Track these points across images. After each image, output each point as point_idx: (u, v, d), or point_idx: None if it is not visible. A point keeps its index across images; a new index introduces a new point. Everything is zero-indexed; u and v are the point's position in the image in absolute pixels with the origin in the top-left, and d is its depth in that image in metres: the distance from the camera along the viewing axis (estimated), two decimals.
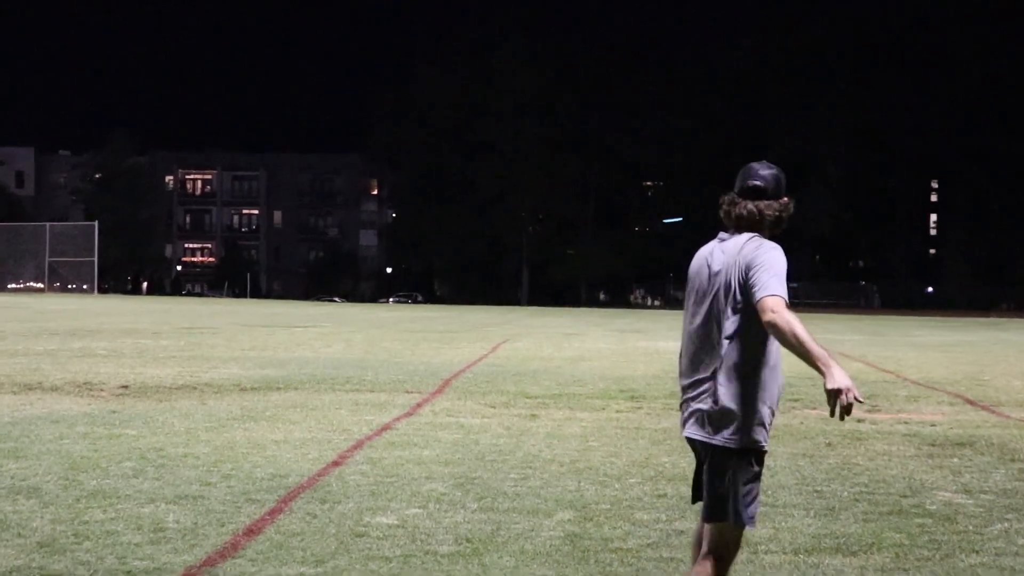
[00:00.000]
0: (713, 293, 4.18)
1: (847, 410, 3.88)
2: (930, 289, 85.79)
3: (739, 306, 4.10)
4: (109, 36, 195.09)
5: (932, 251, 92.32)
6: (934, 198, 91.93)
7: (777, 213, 4.21)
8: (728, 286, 4.12)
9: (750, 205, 4.19)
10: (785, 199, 4.25)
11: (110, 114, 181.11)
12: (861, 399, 3.92)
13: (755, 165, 4.29)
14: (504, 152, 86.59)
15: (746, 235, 4.18)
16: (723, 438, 4.12)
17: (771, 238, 4.24)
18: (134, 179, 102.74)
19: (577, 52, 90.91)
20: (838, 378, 3.85)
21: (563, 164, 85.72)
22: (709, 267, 4.23)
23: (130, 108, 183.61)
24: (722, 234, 4.28)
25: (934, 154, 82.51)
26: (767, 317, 3.95)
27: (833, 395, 3.86)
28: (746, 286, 4.07)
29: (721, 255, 4.20)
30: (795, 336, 3.88)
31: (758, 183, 4.21)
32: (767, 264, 4.03)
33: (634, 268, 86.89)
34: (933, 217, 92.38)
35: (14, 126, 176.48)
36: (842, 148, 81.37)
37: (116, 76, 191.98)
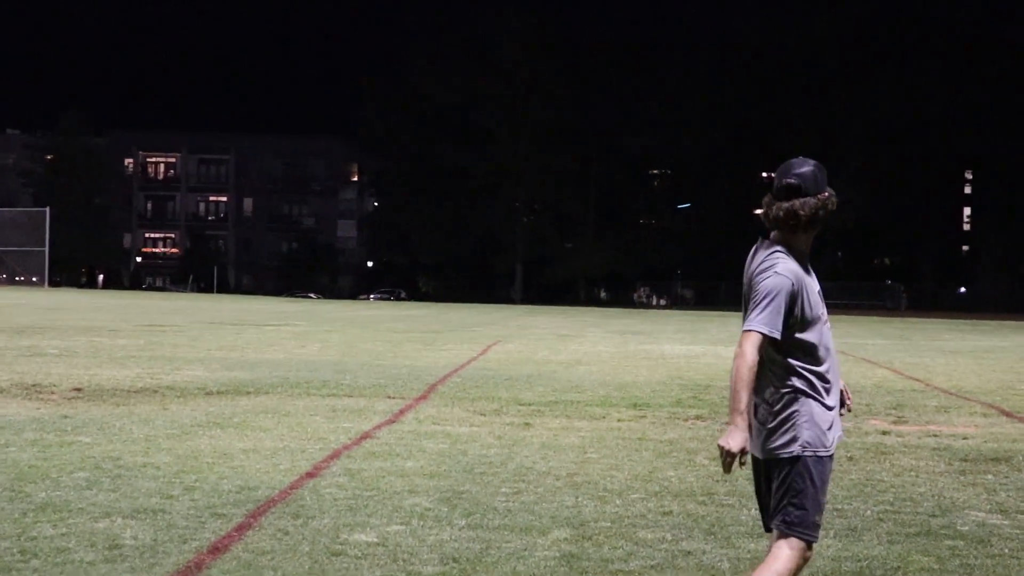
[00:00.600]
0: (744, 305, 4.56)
1: (726, 468, 4.31)
2: (962, 289, 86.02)
3: None
4: (63, 4, 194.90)
5: (964, 248, 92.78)
6: (967, 191, 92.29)
7: (813, 211, 4.38)
8: (745, 304, 4.50)
9: (785, 205, 4.38)
10: (824, 194, 4.42)
11: (64, 90, 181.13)
12: (740, 467, 4.38)
13: (793, 162, 4.47)
14: (499, 139, 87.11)
15: (767, 250, 4.46)
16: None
17: (806, 236, 4.51)
18: (89, 161, 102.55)
19: (578, 34, 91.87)
20: (732, 440, 4.27)
21: (562, 153, 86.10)
22: (744, 275, 4.56)
23: (86, 84, 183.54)
24: (761, 238, 4.56)
25: (967, 143, 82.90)
26: (735, 350, 4.39)
27: (720, 450, 4.30)
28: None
29: (748, 268, 4.53)
30: (734, 380, 4.33)
31: (792, 181, 4.38)
32: (759, 293, 4.37)
33: (638, 265, 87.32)
34: (966, 211, 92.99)
35: None
36: (866, 136, 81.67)
37: (71, 48, 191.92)
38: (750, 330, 4.32)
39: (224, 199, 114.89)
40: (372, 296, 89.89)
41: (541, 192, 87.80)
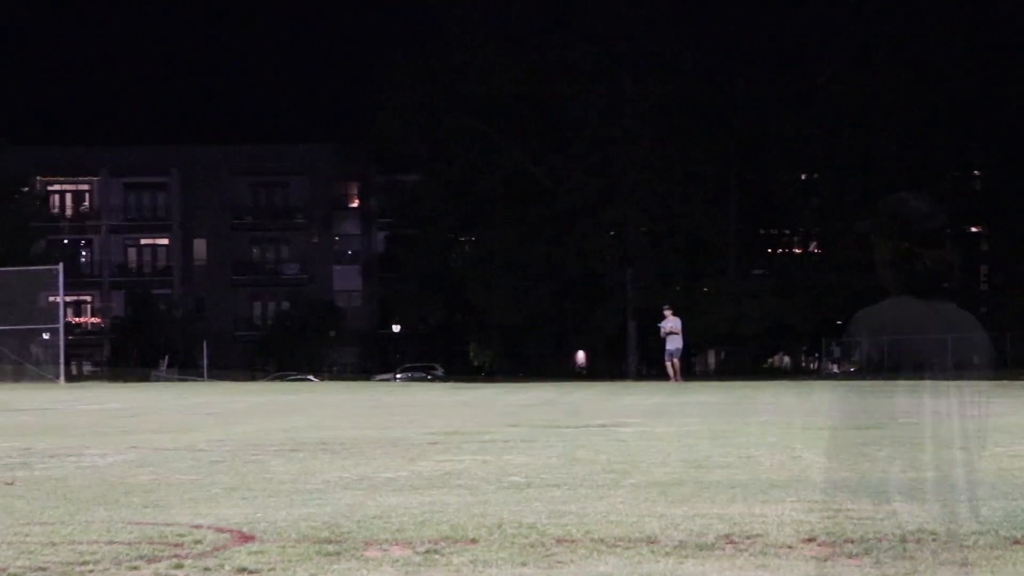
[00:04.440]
0: None
1: None
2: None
3: None
4: None
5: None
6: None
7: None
8: None
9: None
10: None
11: None
12: None
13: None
14: (592, 135, 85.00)
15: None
16: None
17: None
18: None
19: None
20: None
21: (690, 149, 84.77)
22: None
23: None
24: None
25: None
26: None
27: None
28: None
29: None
30: None
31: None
32: None
33: (812, 315, 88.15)
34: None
35: None
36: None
37: None
38: None
39: (165, 241, 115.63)
40: (398, 375, 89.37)
41: (661, 210, 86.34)
